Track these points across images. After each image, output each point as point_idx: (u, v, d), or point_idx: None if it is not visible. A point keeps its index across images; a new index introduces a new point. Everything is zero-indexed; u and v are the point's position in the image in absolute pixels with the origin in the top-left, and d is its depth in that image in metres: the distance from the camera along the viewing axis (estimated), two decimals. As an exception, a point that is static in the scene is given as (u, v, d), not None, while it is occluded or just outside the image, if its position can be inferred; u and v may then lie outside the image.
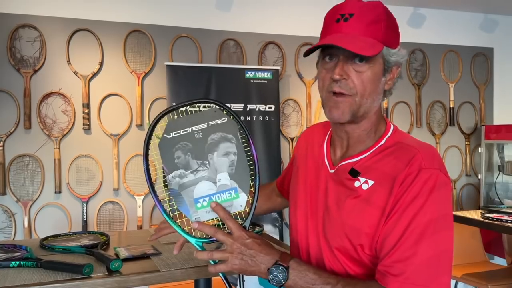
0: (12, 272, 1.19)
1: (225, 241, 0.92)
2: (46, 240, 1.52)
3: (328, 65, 0.95)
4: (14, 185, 3.16)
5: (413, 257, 0.85)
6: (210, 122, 1.01)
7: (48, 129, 3.22)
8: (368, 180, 0.93)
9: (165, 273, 1.19)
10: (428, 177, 0.87)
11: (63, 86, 3.27)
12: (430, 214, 0.86)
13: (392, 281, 0.86)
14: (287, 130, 3.81)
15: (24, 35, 3.20)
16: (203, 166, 0.99)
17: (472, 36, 4.41)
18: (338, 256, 0.96)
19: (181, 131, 1.01)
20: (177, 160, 0.99)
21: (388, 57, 0.94)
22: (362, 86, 0.92)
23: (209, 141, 1.00)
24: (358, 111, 0.94)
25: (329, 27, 0.95)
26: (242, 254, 0.91)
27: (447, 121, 4.30)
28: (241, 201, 0.99)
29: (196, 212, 0.98)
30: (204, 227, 0.94)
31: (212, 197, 0.98)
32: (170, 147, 1.00)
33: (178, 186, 0.99)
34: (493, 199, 4.12)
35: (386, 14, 0.94)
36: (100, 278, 1.14)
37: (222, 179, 0.99)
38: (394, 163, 0.91)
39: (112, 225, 3.33)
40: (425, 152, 0.91)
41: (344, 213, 0.95)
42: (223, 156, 0.99)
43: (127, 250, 1.41)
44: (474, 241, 3.35)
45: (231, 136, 1.01)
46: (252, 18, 3.72)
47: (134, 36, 3.43)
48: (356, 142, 1.00)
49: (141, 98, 3.42)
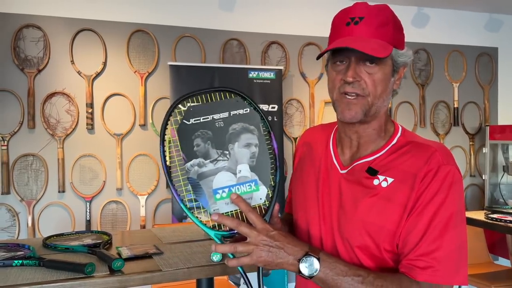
0: (15, 271, 1.19)
1: (249, 233, 0.91)
2: (49, 239, 1.53)
3: (339, 67, 0.97)
4: (18, 184, 3.17)
5: (438, 250, 0.88)
6: (232, 111, 0.98)
7: (51, 129, 3.23)
8: (388, 178, 0.95)
9: (167, 273, 1.19)
10: (447, 173, 0.91)
11: (67, 86, 3.28)
12: (451, 209, 0.90)
13: (421, 273, 0.88)
14: (290, 130, 3.81)
15: (28, 35, 3.22)
16: (223, 156, 0.96)
17: (476, 36, 4.39)
18: (359, 255, 0.96)
19: (201, 118, 0.98)
20: (197, 148, 0.96)
21: (397, 58, 0.97)
22: (374, 87, 0.95)
23: (230, 131, 0.98)
24: (369, 111, 0.97)
25: (339, 30, 0.97)
26: (269, 246, 0.90)
27: (451, 121, 4.28)
28: (261, 194, 0.97)
29: (215, 203, 0.96)
30: (225, 219, 0.93)
31: (231, 188, 0.96)
32: (189, 134, 0.97)
33: (197, 176, 0.96)
34: (498, 199, 4.10)
35: (393, 17, 0.98)
36: (102, 277, 1.14)
37: (242, 171, 0.96)
38: (413, 161, 0.94)
39: (115, 224, 3.34)
40: (442, 150, 0.95)
41: (363, 211, 0.95)
42: (244, 147, 0.97)
43: (129, 249, 1.41)
44: (478, 242, 3.33)
45: (253, 128, 0.98)
46: (255, 18, 3.72)
47: (137, 36, 3.44)
48: (367, 141, 1.02)
49: (144, 98, 3.43)
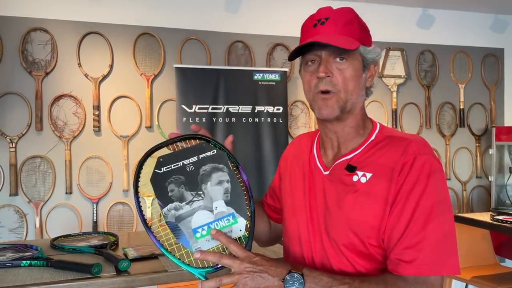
0: (23, 271, 1.21)
1: (231, 264, 0.92)
2: (56, 240, 1.55)
3: (311, 67, 1.01)
4: (26, 186, 3.20)
5: (423, 241, 0.88)
6: (200, 155, 1.03)
7: (59, 131, 3.26)
8: (366, 173, 0.97)
9: (173, 273, 1.21)
10: (423, 163, 0.92)
11: (74, 89, 3.31)
12: (432, 198, 0.90)
13: (407, 267, 0.89)
14: (295, 131, 3.82)
15: (36, 38, 3.25)
16: (198, 196, 1.00)
17: (482, 37, 4.37)
18: (346, 254, 0.96)
19: (172, 166, 1.02)
20: (171, 193, 1.00)
21: (365, 54, 1.01)
22: (344, 83, 0.98)
23: (202, 172, 1.02)
24: (345, 107, 0.99)
25: (307, 32, 1.02)
26: (253, 272, 0.90)
27: (457, 122, 4.27)
28: (240, 226, 0.99)
29: (196, 242, 0.97)
30: (207, 255, 0.93)
31: (210, 225, 0.98)
32: (162, 181, 1.01)
33: (175, 219, 0.98)
34: (504, 201, 4.08)
35: (357, 18, 1.02)
36: (109, 277, 1.16)
37: (218, 207, 0.99)
38: (389, 154, 0.96)
39: (121, 225, 3.37)
40: (417, 140, 0.96)
41: (346, 208, 0.97)
42: (217, 185, 1.01)
43: (136, 250, 1.43)
44: (484, 244, 3.31)
45: (222, 166, 1.02)
46: (260, 20, 3.73)
47: (143, 39, 3.47)
48: (346, 140, 1.04)
49: (150, 100, 3.46)
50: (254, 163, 3.34)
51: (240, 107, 3.36)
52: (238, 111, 3.37)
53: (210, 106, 3.31)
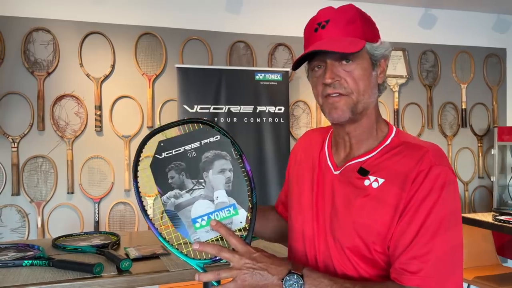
0: (25, 271, 1.22)
1: (231, 258, 0.90)
2: (58, 240, 1.55)
3: (318, 73, 0.98)
4: (28, 186, 3.21)
5: (430, 253, 0.86)
6: (203, 140, 0.99)
7: (61, 131, 3.26)
8: (378, 179, 0.94)
9: (174, 273, 1.21)
10: (438, 174, 0.89)
11: (76, 89, 3.32)
12: (443, 211, 0.88)
13: (411, 278, 0.86)
14: (297, 131, 3.82)
15: (38, 38, 3.26)
16: (198, 184, 0.97)
17: (484, 37, 4.36)
18: (350, 257, 0.95)
19: (173, 151, 0.99)
20: (171, 181, 0.97)
21: (373, 51, 0.97)
22: (355, 84, 0.95)
23: (203, 159, 0.98)
24: (356, 108, 0.96)
25: (309, 38, 0.99)
26: (252, 268, 0.89)
27: (459, 122, 4.26)
28: (240, 218, 0.97)
29: (195, 232, 0.95)
30: (206, 247, 0.91)
31: (210, 215, 0.96)
32: (162, 167, 0.98)
33: (174, 207, 0.96)
34: (506, 201, 4.07)
35: (359, 13, 0.97)
36: (110, 277, 1.16)
37: (219, 197, 0.97)
38: (404, 161, 0.93)
39: (123, 225, 3.37)
40: (434, 150, 0.93)
41: (355, 212, 0.95)
42: (219, 173, 0.98)
43: (137, 250, 1.43)
44: (486, 244, 3.31)
45: (225, 153, 0.99)
46: (262, 20, 3.73)
47: (145, 39, 3.47)
48: (359, 141, 1.01)
49: (152, 100, 3.46)
50: (256, 163, 3.34)
51: (241, 107, 3.37)
52: (240, 111, 3.37)
53: (211, 106, 3.31)
